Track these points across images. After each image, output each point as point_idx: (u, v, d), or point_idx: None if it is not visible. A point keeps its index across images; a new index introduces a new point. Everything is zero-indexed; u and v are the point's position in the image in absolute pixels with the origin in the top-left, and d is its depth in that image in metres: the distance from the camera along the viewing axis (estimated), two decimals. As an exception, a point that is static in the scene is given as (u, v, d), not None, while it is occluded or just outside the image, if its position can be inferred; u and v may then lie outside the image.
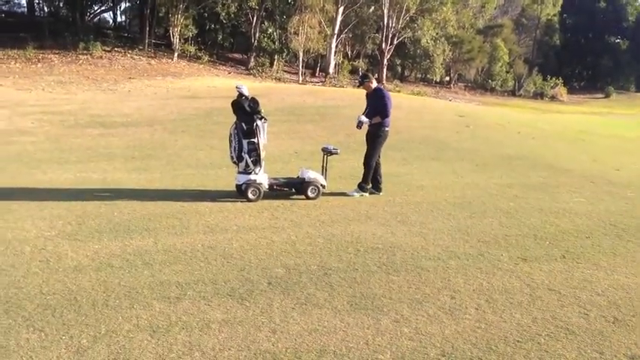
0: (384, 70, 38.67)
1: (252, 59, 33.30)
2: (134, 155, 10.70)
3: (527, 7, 60.08)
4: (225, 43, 34.72)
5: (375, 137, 8.30)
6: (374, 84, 8.54)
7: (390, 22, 37.44)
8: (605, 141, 18.04)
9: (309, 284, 4.97)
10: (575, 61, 64.92)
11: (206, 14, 31.27)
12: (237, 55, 36.60)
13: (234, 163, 7.91)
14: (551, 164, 11.68)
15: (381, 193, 8.49)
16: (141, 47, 30.22)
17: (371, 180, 8.41)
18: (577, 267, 5.66)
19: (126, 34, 35.31)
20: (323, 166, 8.31)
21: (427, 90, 40.80)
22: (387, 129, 8.33)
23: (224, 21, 30.93)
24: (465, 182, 9.61)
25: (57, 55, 26.41)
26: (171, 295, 4.61)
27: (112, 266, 5.19)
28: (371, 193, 8.42)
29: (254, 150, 7.74)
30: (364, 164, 8.37)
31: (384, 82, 37.76)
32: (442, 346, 3.95)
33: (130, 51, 29.07)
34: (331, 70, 34.94)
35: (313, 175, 7.99)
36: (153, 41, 31.36)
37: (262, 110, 7.83)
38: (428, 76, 47.09)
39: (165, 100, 17.98)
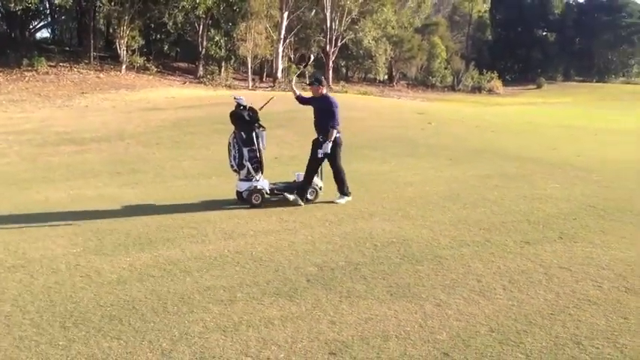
0: (330, 71, 39.28)
1: (201, 68, 33.25)
2: (118, 170, 10.76)
3: (459, 4, 62.09)
4: (170, 52, 34.51)
5: (333, 148, 8.07)
6: (324, 90, 8.31)
7: (333, 24, 38.11)
8: (553, 131, 19.07)
9: (344, 279, 5.33)
10: (507, 54, 67.34)
11: (152, 25, 31.05)
12: (182, 65, 36.43)
13: (235, 171, 8.18)
14: (517, 155, 12.41)
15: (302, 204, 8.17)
16: (86, 61, 29.75)
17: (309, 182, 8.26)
18: (576, 246, 6.23)
19: (68, 49, 34.58)
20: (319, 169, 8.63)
21: (372, 89, 41.66)
22: (339, 135, 8.14)
23: (171, 31, 30.77)
24: (446, 176, 10.17)
25: (1, 74, 25.73)
26: (223, 299, 4.89)
27: (152, 276, 5.41)
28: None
29: (255, 157, 8.04)
30: (335, 173, 8.26)
31: (331, 84, 38.35)
32: (487, 323, 4.39)
33: (75, 65, 28.58)
34: (279, 74, 35.26)
35: None
36: (98, 54, 30.89)
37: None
38: (370, 75, 48.06)
39: (127, 114, 17.91)
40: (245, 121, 7.99)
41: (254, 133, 8.02)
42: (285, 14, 34.40)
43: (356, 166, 10.81)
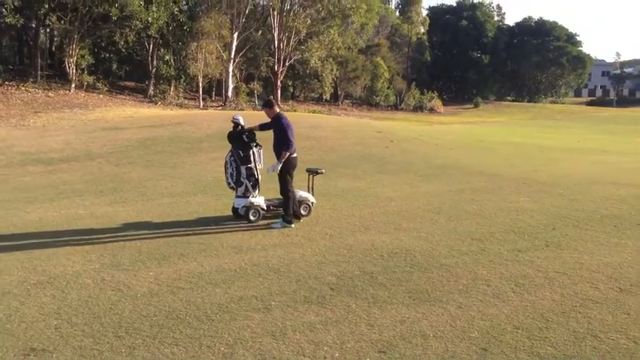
0: (279, 91, 39.75)
1: (152, 87, 33.05)
2: (100, 190, 10.79)
3: (399, 26, 63.88)
4: (119, 71, 34.14)
5: (285, 168, 8.11)
6: (276, 110, 8.45)
7: (282, 45, 38.66)
8: (504, 148, 20.08)
9: (365, 286, 5.71)
10: (444, 75, 69.58)
11: (103, 43, 30.72)
12: (130, 84, 36.07)
13: (232, 188, 8.45)
14: (480, 171, 13.13)
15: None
16: (32, 79, 29.10)
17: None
18: (563, 253, 6.82)
19: (12, 67, 33.67)
20: (309, 186, 9.00)
21: (319, 108, 42.33)
22: (293, 156, 8.18)
23: (122, 50, 30.52)
24: (423, 191, 10.72)
25: (-56, 93, 24.90)
26: (259, 307, 5.18)
27: (182, 288, 5.63)
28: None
29: (252, 175, 8.33)
30: (282, 195, 8.27)
31: (280, 102, 38.80)
32: (510, 322, 4.86)
33: (23, 84, 27.91)
34: (230, 93, 35.45)
35: (304, 194, 8.68)
36: (45, 73, 30.27)
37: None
38: (314, 94, 48.83)
39: (89, 133, 17.74)
40: (242, 140, 8.28)
41: (251, 152, 8.32)
42: (235, 34, 34.71)
43: (334, 183, 11.25)
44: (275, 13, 37.36)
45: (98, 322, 4.80)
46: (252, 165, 8.34)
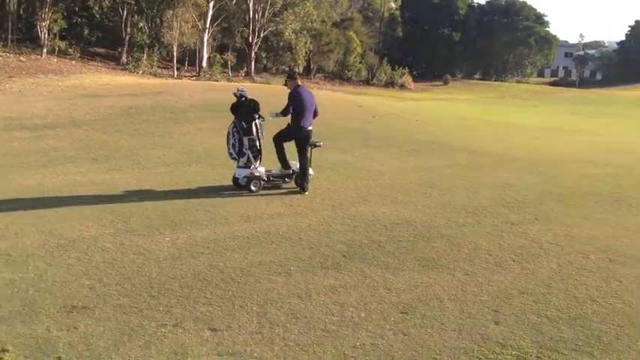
0: (252, 62, 39.59)
1: (125, 54, 32.57)
2: (93, 157, 10.83)
3: (371, 0, 63.93)
4: (91, 37, 33.46)
5: (295, 136, 8.75)
6: (297, 83, 8.83)
7: (257, 15, 38.41)
8: (482, 125, 20.60)
9: (375, 254, 6.05)
10: (415, 51, 69.96)
11: (76, 8, 30.06)
12: (101, 50, 35.40)
13: (234, 158, 8.64)
14: (464, 147, 13.54)
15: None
16: (3, 43, 28.40)
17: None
18: (553, 226, 7.26)
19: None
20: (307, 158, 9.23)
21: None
22: (302, 125, 8.65)
23: (96, 15, 29.94)
24: (411, 166, 11.07)
25: None
26: (280, 271, 5.47)
27: (201, 253, 5.88)
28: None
29: (254, 146, 8.55)
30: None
31: (253, 74, 38.69)
32: (515, 287, 5.25)
33: (-7, 48, 27.28)
34: (204, 63, 35.19)
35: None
36: (15, 37, 29.54)
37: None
38: (284, 67, 48.67)
39: (68, 100, 17.59)
40: (246, 111, 8.47)
41: (254, 123, 8.52)
42: (211, 4, 34.35)
43: (324, 156, 11.48)
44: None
45: (129, 283, 5.03)
46: (255, 136, 8.54)
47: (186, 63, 37.11)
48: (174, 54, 33.15)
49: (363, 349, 4.01)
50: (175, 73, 32.96)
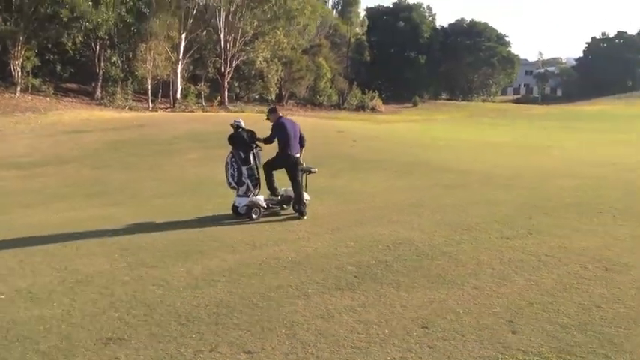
0: (225, 92, 39.89)
1: (99, 89, 32.59)
2: (87, 193, 10.95)
3: (338, 27, 64.96)
4: (64, 73, 33.44)
5: (280, 163, 9.11)
6: (278, 115, 9.27)
7: (228, 45, 38.84)
8: (460, 145, 21.15)
9: (385, 273, 6.30)
10: (383, 74, 71.16)
11: (49, 45, 30.09)
12: (74, 86, 35.34)
13: (233, 188, 8.87)
14: (447, 167, 13.98)
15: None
16: (-25, 82, 28.31)
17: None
18: (546, 239, 7.61)
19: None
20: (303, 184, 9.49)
21: (265, 109, 42.58)
22: (280, 154, 9.05)
23: (70, 51, 29.99)
24: (401, 187, 11.42)
25: None
26: (298, 294, 5.68)
27: (218, 281, 6.06)
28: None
29: (252, 175, 8.80)
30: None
31: (227, 103, 38.96)
32: (523, 298, 5.54)
33: (-35, 87, 27.14)
34: (178, 94, 35.38)
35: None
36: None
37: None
38: (255, 95, 49.09)
39: (52, 137, 17.63)
40: (243, 141, 8.72)
41: (251, 153, 8.78)
42: (183, 35, 34.68)
43: (314, 181, 11.74)
44: (222, 13, 37.49)
45: (156, 313, 5.19)
46: (253, 165, 8.80)
47: (160, 95, 37.26)
48: (149, 86, 33.30)
49: (394, 363, 4.24)
50: (150, 105, 33.10)
